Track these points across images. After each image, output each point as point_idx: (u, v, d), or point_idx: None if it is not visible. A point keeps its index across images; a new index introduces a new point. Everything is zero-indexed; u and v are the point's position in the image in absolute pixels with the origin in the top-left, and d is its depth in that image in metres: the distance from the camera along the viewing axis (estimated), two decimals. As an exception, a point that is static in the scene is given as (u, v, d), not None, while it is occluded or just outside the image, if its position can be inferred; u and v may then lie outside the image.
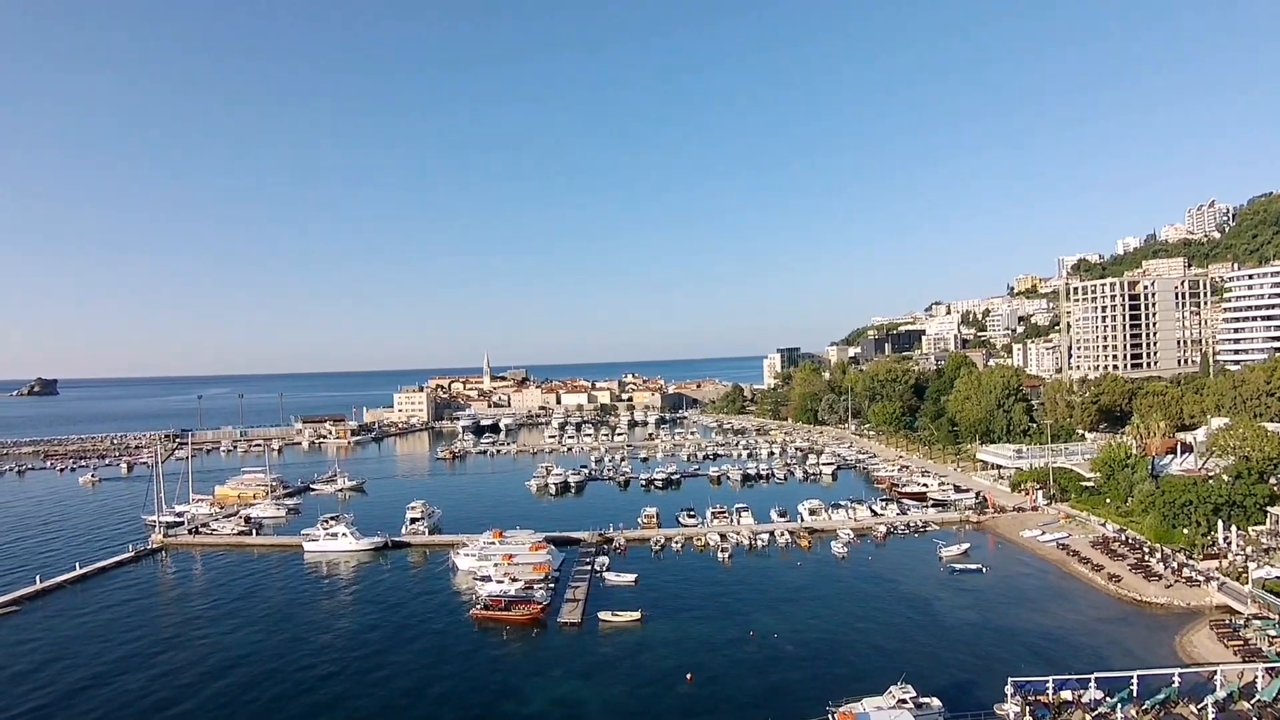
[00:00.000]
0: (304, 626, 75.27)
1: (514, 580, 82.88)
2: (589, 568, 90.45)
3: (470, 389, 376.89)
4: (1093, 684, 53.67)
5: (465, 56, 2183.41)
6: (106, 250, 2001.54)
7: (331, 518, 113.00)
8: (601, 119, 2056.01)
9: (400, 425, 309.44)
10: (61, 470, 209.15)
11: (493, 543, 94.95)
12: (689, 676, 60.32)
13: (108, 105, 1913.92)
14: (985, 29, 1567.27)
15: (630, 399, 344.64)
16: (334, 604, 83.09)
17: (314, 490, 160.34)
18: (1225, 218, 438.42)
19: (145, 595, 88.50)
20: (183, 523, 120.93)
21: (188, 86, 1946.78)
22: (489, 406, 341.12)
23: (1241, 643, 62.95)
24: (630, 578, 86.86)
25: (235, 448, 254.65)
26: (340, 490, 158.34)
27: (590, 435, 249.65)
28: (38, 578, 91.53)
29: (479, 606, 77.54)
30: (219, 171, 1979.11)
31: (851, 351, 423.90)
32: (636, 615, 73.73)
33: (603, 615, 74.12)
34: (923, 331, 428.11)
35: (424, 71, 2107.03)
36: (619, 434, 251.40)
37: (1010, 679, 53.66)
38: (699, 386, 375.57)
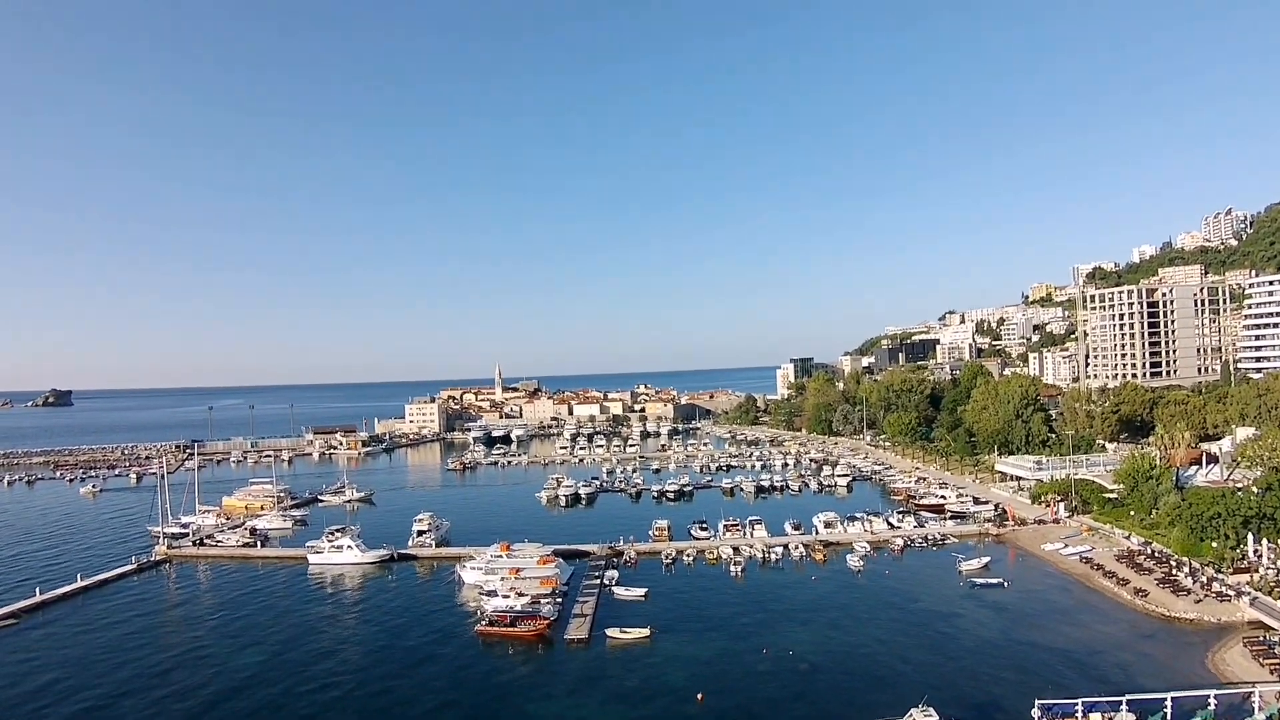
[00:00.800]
0: (307, 645, 73.22)
1: (520, 595, 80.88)
2: (598, 581, 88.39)
3: (482, 400, 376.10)
4: (1124, 706, 51.21)
5: (476, 67, 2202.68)
6: (120, 261, 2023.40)
7: (338, 530, 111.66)
8: (613, 128, 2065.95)
9: (411, 436, 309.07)
10: (70, 480, 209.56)
11: (500, 556, 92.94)
12: (699, 696, 58.08)
13: (119, 115, 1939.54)
14: (998, 35, 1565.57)
15: (643, 410, 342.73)
16: (337, 620, 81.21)
17: (322, 501, 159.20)
18: (1242, 225, 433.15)
19: (147, 610, 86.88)
20: (188, 534, 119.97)
21: (199, 96, 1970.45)
22: (500, 417, 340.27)
23: (1278, 661, 60.40)
24: (640, 592, 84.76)
25: (246, 458, 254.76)
26: (348, 501, 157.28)
27: (602, 446, 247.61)
28: (38, 589, 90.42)
29: (484, 622, 75.53)
30: (232, 182, 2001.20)
31: (865, 361, 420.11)
32: (645, 632, 71.51)
33: (611, 631, 71.99)
34: (937, 341, 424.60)
35: (434, 82, 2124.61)
36: (631, 445, 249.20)
37: (1037, 701, 51.44)
38: (712, 397, 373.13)
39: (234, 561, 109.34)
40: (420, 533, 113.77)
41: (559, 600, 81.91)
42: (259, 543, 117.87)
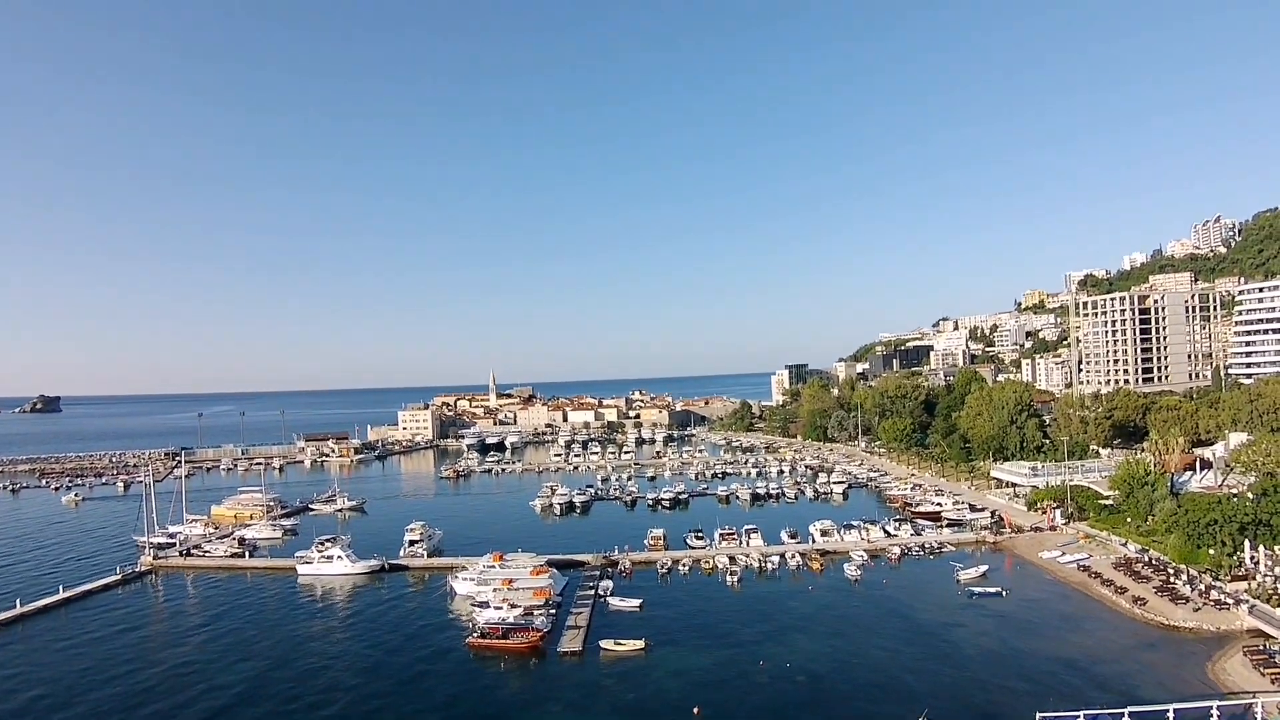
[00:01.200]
0: (296, 661, 71.46)
1: (513, 606, 79.63)
2: (592, 592, 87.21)
3: (476, 406, 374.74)
4: (1126, 718, 50.49)
5: (472, 68, 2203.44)
6: (110, 266, 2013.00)
7: (327, 539, 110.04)
8: (604, 133, 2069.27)
9: (405, 443, 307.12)
10: (56, 489, 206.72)
11: (492, 566, 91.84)
12: (696, 710, 56.97)
13: (108, 114, 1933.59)
14: (988, 43, 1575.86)
15: (638, 416, 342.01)
16: (327, 634, 79.45)
17: (313, 510, 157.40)
18: (1231, 233, 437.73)
19: (131, 623, 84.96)
20: (175, 544, 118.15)
21: (188, 93, 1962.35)
22: (495, 424, 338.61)
23: (1278, 670, 59.88)
24: (635, 603, 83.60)
25: (236, 466, 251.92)
26: (340, 510, 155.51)
27: (597, 453, 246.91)
28: (18, 601, 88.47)
29: (475, 634, 74.27)
30: (223, 184, 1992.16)
31: (860, 368, 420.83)
32: (640, 644, 70.39)
33: (605, 644, 70.80)
34: (931, 347, 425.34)
35: (427, 83, 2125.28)
36: (626, 452, 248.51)
37: (1039, 715, 50.61)
38: (707, 404, 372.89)
39: (221, 572, 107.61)
40: (412, 542, 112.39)
41: (553, 611, 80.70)
42: (247, 553, 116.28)
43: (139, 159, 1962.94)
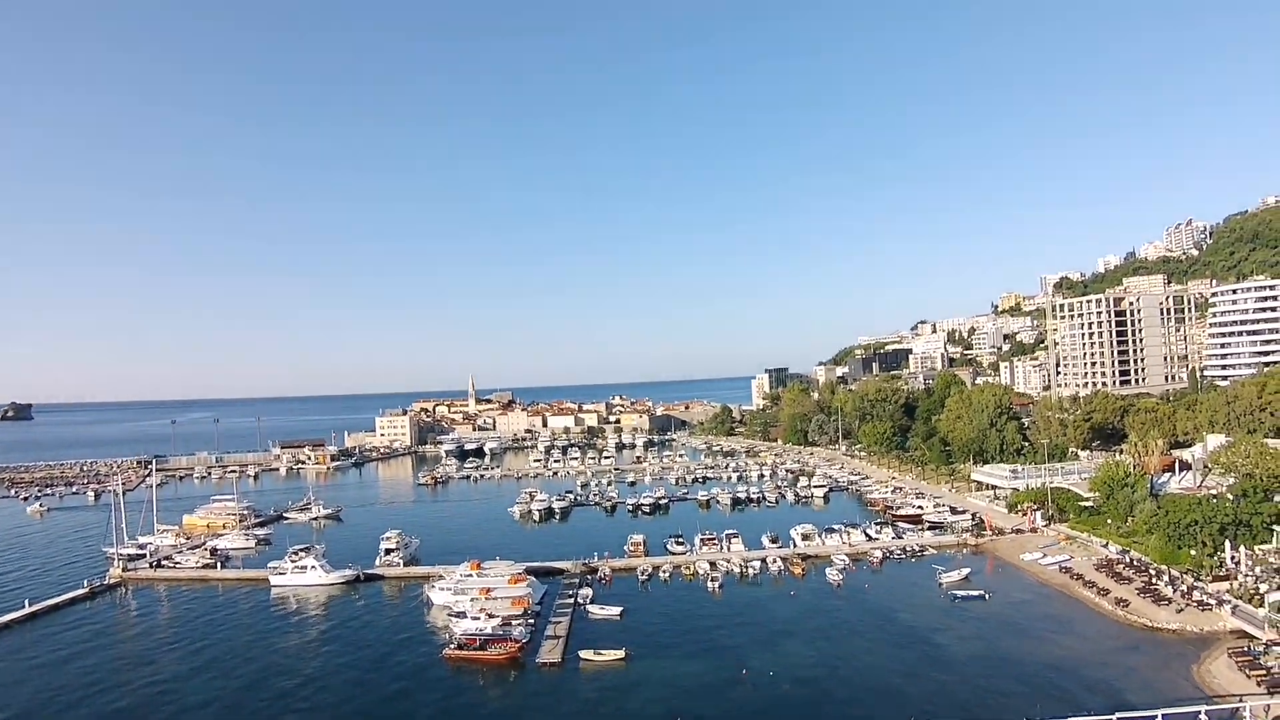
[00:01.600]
0: (269, 679, 68.88)
1: (491, 616, 77.98)
2: (572, 600, 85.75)
3: (455, 412, 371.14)
4: (1114, 724, 50.01)
5: (458, 72, 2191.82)
6: (83, 271, 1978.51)
7: (301, 549, 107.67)
8: (584, 137, 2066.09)
9: (382, 450, 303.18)
10: (25, 499, 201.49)
11: (470, 575, 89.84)
12: (678, 721, 55.88)
13: (89, 120, 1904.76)
14: (965, 50, 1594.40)
15: (618, 421, 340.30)
16: (300, 646, 77.28)
17: (287, 519, 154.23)
18: (1202, 235, 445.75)
19: (99, 638, 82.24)
20: (145, 555, 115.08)
21: (167, 99, 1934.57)
22: (474, 430, 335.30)
23: (1263, 672, 59.72)
24: (615, 611, 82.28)
25: (210, 474, 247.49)
26: (315, 519, 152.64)
27: (577, 459, 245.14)
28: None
29: (452, 646, 72.58)
30: (196, 188, 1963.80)
31: (839, 371, 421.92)
32: (620, 654, 69.02)
33: (584, 654, 69.34)
34: (909, 351, 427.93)
35: (414, 86, 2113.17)
36: (606, 457, 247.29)
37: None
38: (687, 408, 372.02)
39: (193, 584, 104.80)
40: (388, 551, 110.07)
41: (531, 621, 79.16)
42: (220, 564, 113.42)
43: (113, 165, 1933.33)
